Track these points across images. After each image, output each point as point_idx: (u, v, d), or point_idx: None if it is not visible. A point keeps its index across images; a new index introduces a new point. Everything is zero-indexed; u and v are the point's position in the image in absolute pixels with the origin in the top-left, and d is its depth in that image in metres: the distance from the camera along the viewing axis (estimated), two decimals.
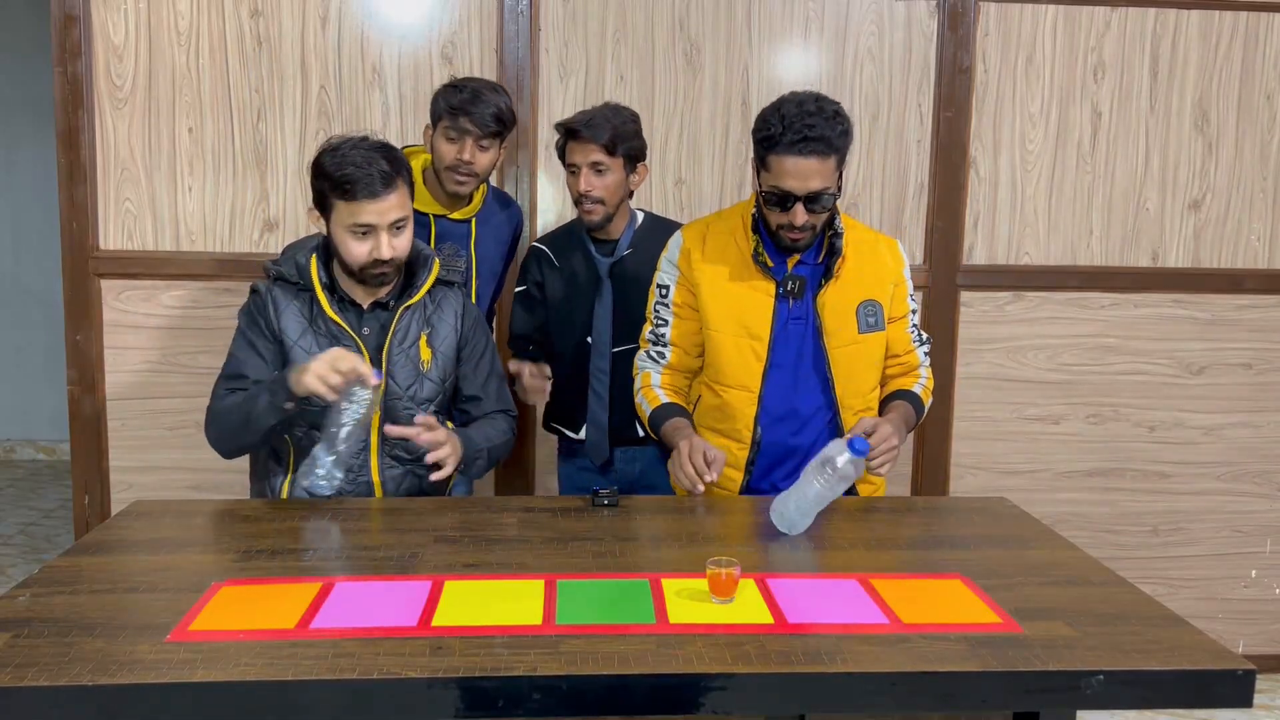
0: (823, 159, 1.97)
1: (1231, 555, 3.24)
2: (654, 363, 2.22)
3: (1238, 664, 1.36)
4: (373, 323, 2.09)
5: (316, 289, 2.07)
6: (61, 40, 2.78)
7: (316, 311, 2.07)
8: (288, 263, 2.11)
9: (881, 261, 2.17)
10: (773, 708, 1.34)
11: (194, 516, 1.92)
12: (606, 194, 2.42)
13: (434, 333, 2.12)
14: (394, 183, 1.98)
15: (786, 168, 1.97)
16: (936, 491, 3.11)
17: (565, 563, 1.68)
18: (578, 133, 2.39)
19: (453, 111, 2.35)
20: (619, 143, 2.40)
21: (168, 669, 1.30)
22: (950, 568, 1.69)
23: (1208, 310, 3.14)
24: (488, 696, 1.29)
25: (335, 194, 1.98)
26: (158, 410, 2.90)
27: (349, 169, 1.95)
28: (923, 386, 2.21)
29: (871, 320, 2.13)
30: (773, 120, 1.99)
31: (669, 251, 2.21)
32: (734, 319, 2.11)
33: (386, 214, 1.97)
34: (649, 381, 2.21)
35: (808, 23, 2.95)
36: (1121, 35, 3.03)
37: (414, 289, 2.11)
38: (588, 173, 2.40)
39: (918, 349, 2.23)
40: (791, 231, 2.03)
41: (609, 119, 2.40)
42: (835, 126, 1.97)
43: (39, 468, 5.52)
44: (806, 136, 1.94)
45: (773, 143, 1.98)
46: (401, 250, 2.03)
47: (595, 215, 2.44)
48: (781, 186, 1.99)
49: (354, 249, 2.00)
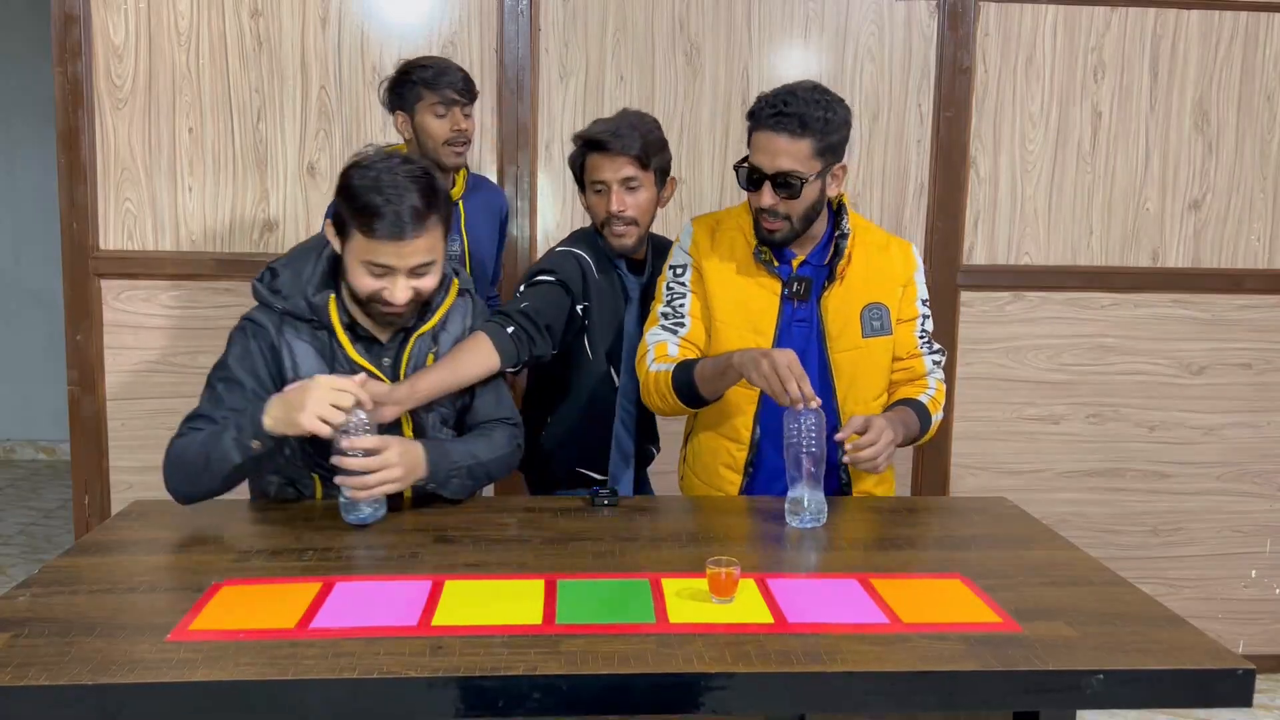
0: (794, 137, 1.91)
1: (1231, 555, 3.24)
2: (670, 333, 2.08)
3: (1238, 664, 1.36)
4: (389, 353, 1.91)
5: (338, 332, 1.85)
6: (61, 40, 2.78)
7: (338, 351, 1.85)
8: (293, 295, 1.86)
9: (891, 264, 2.10)
10: (773, 708, 1.33)
11: (194, 516, 1.91)
12: (639, 213, 2.18)
13: (441, 350, 1.95)
14: (424, 223, 1.74)
15: (759, 142, 1.94)
16: (936, 491, 3.11)
17: (565, 563, 1.68)
18: (605, 145, 2.14)
19: (431, 86, 2.40)
20: (651, 155, 2.17)
21: (168, 669, 1.29)
22: (950, 568, 1.69)
23: (1208, 310, 3.14)
24: (488, 696, 1.29)
25: (356, 224, 1.74)
26: (158, 410, 2.90)
27: (375, 199, 1.72)
28: (930, 398, 2.09)
29: (877, 324, 2.06)
30: (761, 98, 1.96)
31: (681, 239, 2.14)
32: (739, 314, 2.06)
33: (408, 258, 1.75)
34: (665, 351, 2.06)
35: (808, 23, 2.95)
36: (1121, 35, 3.03)
37: (430, 313, 1.92)
38: (619, 190, 2.15)
39: (925, 357, 2.12)
40: (765, 218, 1.97)
41: (636, 128, 2.16)
42: (816, 109, 1.91)
43: (39, 468, 5.52)
44: (781, 112, 1.90)
45: (753, 118, 1.96)
46: (423, 292, 1.81)
47: (629, 239, 2.19)
48: (751, 161, 1.96)
49: (364, 283, 1.78)
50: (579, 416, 2.27)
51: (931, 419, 2.08)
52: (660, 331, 2.09)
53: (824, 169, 1.97)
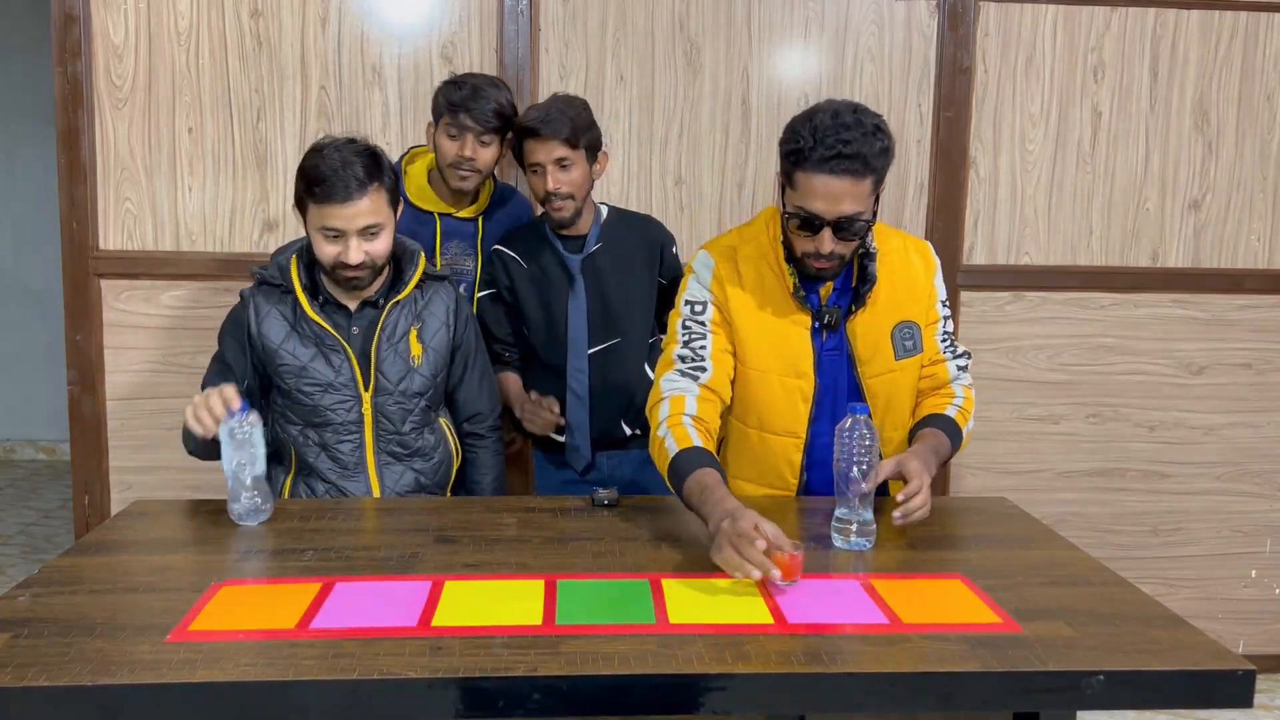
0: (856, 180, 1.74)
1: (1231, 555, 3.24)
2: (689, 380, 1.89)
3: (1238, 664, 1.36)
4: (361, 322, 2.08)
5: (297, 290, 2.06)
6: (61, 40, 2.78)
7: (300, 314, 2.06)
8: (272, 265, 2.10)
9: (913, 273, 1.98)
10: (773, 708, 1.34)
11: (194, 516, 1.91)
12: (574, 188, 2.36)
13: (424, 327, 2.11)
14: (367, 188, 1.94)
15: (815, 187, 1.75)
16: (937, 491, 3.08)
17: (565, 563, 1.68)
18: (536, 131, 2.31)
19: (452, 108, 2.35)
20: (580, 135, 2.33)
21: (168, 669, 1.30)
22: (950, 568, 1.69)
23: (1208, 310, 3.14)
24: (488, 696, 1.29)
25: (307, 195, 1.96)
26: (158, 410, 2.90)
27: (322, 169, 1.93)
28: (958, 409, 1.97)
29: (909, 344, 1.94)
30: (803, 132, 1.76)
31: (697, 273, 1.98)
32: (777, 357, 1.91)
33: (355, 219, 1.94)
34: (682, 408, 1.85)
35: (808, 23, 2.95)
36: (1121, 35, 3.03)
37: (402, 285, 2.09)
38: (553, 170, 2.33)
39: (949, 362, 2.01)
40: (818, 260, 1.82)
41: (564, 112, 2.33)
42: (874, 144, 1.74)
43: (39, 468, 5.52)
44: (841, 154, 1.72)
45: (801, 158, 1.75)
46: (375, 255, 1.99)
47: (565, 211, 2.37)
48: (808, 208, 1.77)
49: (324, 250, 1.98)
50: (538, 378, 2.54)
51: (962, 433, 1.97)
52: (678, 379, 1.90)
53: (877, 199, 1.84)
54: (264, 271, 2.09)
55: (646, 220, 2.58)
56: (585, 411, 2.48)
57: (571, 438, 2.50)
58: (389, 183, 2.00)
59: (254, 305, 2.07)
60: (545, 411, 2.45)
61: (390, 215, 2.02)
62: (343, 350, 2.05)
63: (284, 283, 2.07)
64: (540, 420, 2.45)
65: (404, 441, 2.10)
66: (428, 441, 2.14)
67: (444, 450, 2.18)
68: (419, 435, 2.13)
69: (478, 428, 2.25)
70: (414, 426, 2.12)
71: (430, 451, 2.15)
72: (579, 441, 2.50)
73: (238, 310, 2.10)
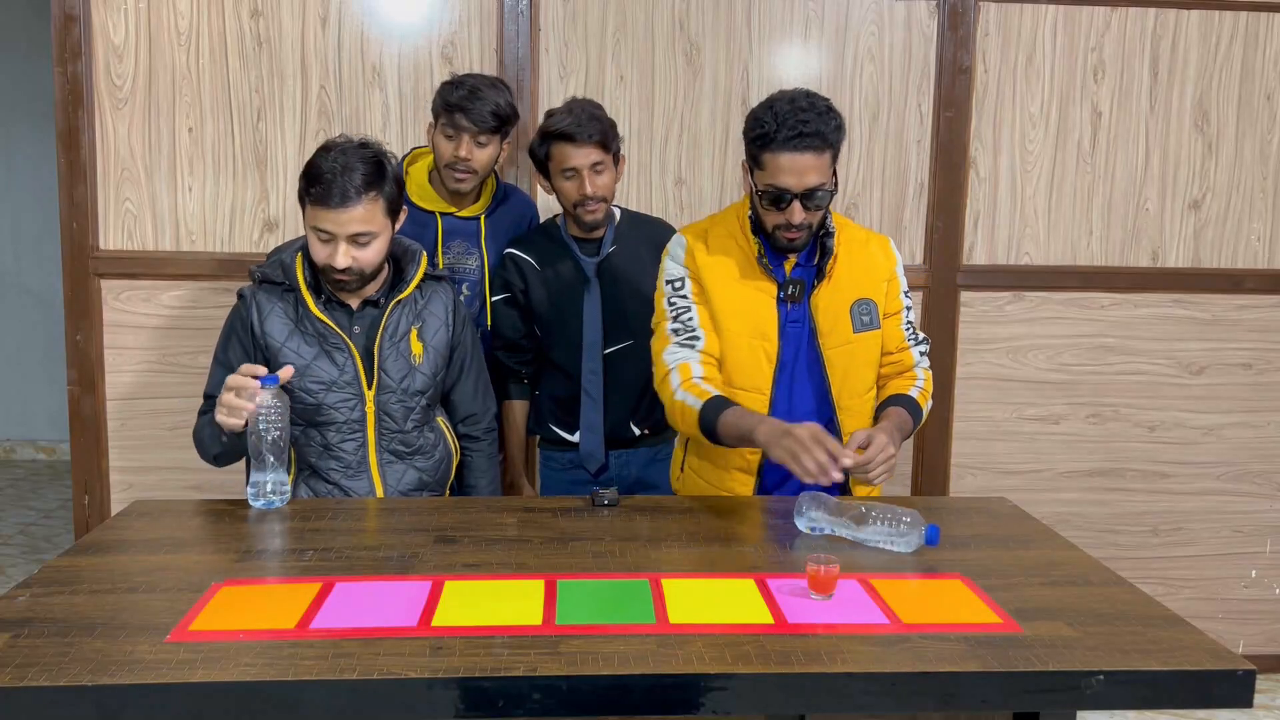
0: (818, 154, 1.96)
1: (1231, 555, 3.24)
2: (688, 349, 2.08)
3: (1238, 664, 1.36)
4: (363, 321, 2.08)
5: (301, 288, 2.05)
6: (61, 40, 2.78)
7: (303, 312, 2.05)
8: (273, 264, 2.09)
9: (874, 259, 2.15)
10: (773, 708, 1.34)
11: (194, 516, 1.92)
12: (607, 192, 2.40)
13: (424, 326, 2.12)
14: (362, 197, 1.93)
15: (782, 164, 1.96)
16: (936, 491, 3.11)
17: (565, 563, 1.68)
18: (572, 136, 2.33)
19: (449, 109, 2.35)
20: (611, 139, 2.38)
21: (167, 669, 1.30)
22: (950, 568, 1.69)
23: (1208, 310, 3.14)
24: (488, 696, 1.29)
25: (305, 193, 1.97)
26: (158, 410, 2.90)
27: (323, 171, 1.93)
28: (919, 390, 2.17)
29: (866, 319, 2.11)
30: (765, 118, 1.97)
31: (672, 252, 2.16)
32: (743, 320, 2.08)
33: (346, 225, 1.93)
34: (690, 374, 2.05)
35: (808, 23, 2.95)
36: (1121, 35, 3.03)
37: (404, 284, 2.09)
38: (590, 174, 2.35)
39: (913, 348, 2.20)
40: (789, 230, 2.01)
41: (594, 115, 2.36)
42: (829, 121, 1.96)
43: (39, 468, 5.52)
44: (802, 132, 1.93)
45: (767, 140, 1.96)
46: (363, 263, 1.98)
47: (599, 214, 2.41)
48: (777, 184, 1.97)
49: (316, 249, 1.99)
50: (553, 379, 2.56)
51: (922, 411, 2.15)
52: (678, 350, 2.09)
53: (835, 172, 2.04)
54: (264, 270, 2.08)
55: (658, 222, 2.62)
56: (599, 413, 2.49)
57: (586, 439, 2.51)
58: (389, 192, 1.99)
59: (256, 304, 2.07)
60: (527, 490, 2.62)
61: (386, 224, 2.00)
62: (346, 349, 2.05)
63: (286, 280, 2.06)
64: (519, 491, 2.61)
65: (406, 440, 2.11)
66: (428, 439, 2.15)
67: (444, 448, 2.19)
68: (420, 433, 2.13)
69: (473, 429, 2.26)
70: (415, 425, 2.12)
71: (431, 449, 2.15)
72: (592, 444, 2.51)
73: (239, 310, 2.09)
